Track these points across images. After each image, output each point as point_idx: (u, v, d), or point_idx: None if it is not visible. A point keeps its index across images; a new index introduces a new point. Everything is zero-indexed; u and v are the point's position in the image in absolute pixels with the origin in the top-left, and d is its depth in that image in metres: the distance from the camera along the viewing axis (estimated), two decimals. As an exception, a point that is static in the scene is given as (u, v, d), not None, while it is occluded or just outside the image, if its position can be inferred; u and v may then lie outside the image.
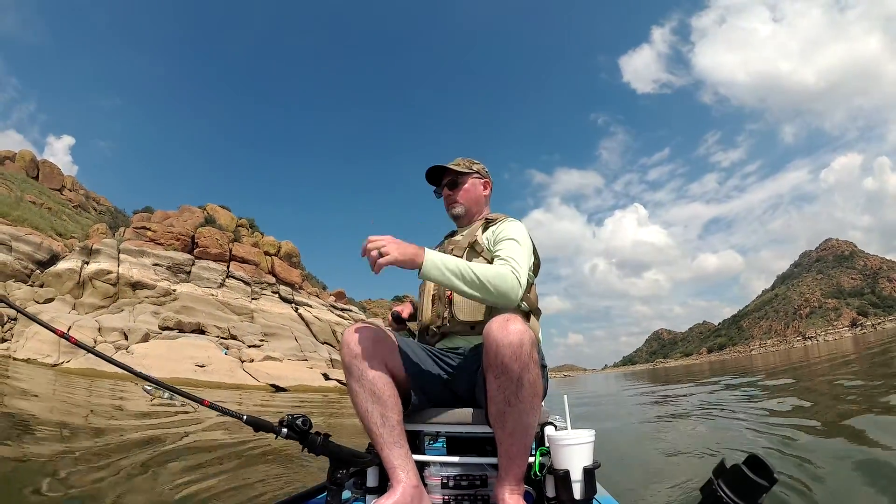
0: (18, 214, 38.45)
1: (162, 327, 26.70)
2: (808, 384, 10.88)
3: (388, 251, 1.56)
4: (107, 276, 29.73)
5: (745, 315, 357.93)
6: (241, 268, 37.57)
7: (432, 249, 1.74)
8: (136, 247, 32.98)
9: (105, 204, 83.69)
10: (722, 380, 16.60)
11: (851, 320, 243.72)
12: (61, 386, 14.76)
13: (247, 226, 46.90)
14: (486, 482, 1.82)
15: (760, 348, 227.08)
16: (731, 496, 1.16)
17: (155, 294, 30.59)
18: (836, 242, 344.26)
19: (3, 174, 56.64)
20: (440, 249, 2.17)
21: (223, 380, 21.61)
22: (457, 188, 2.24)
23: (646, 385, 23.17)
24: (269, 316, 34.69)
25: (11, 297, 27.22)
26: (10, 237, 31.79)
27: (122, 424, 7.89)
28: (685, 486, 3.49)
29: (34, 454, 4.72)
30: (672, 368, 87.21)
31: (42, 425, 6.74)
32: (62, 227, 44.46)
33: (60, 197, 67.42)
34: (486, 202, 2.32)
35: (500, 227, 2.02)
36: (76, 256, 30.68)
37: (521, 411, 1.53)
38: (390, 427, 1.69)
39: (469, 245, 2.03)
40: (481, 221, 2.16)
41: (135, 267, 31.30)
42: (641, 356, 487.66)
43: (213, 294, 33.34)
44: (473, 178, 2.26)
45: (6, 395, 10.47)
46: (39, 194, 57.57)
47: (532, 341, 1.52)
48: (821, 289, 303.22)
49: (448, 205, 2.26)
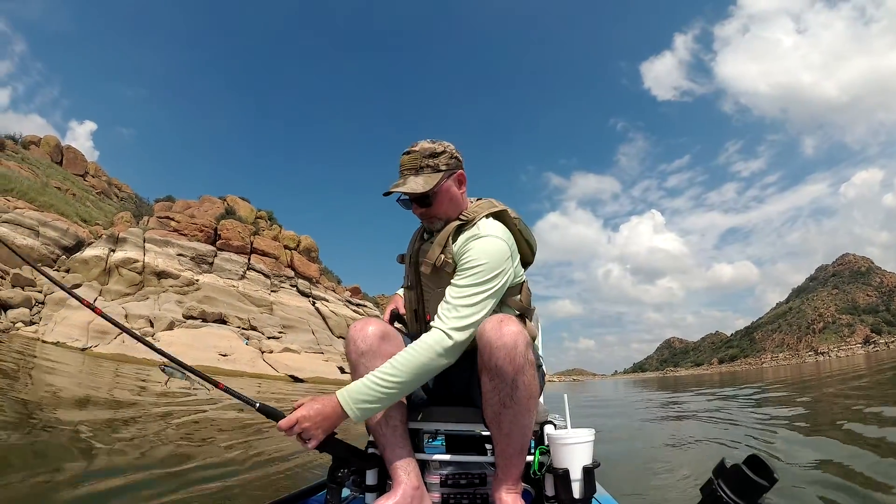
0: (45, 200, 39.14)
1: (186, 316, 27.29)
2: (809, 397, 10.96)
3: (308, 436, 1.50)
4: (133, 265, 30.36)
5: (759, 327, 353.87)
6: (261, 260, 38.19)
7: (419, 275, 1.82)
8: (161, 236, 33.66)
9: (127, 191, 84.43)
10: (720, 391, 16.76)
11: (865, 337, 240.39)
12: (88, 367, 15.32)
13: (266, 218, 47.34)
14: (484, 480, 1.85)
15: (772, 361, 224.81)
16: (731, 496, 1.17)
17: (179, 283, 31.21)
18: (853, 258, 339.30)
19: (28, 159, 57.68)
20: (414, 255, 1.94)
21: (245, 369, 22.10)
22: (430, 205, 1.84)
23: (653, 392, 23.35)
24: (287, 309, 35.24)
25: (38, 282, 27.97)
26: (38, 222, 32.46)
27: (141, 400, 8.50)
28: (685, 486, 3.58)
29: (59, 422, 5.35)
30: (682, 377, 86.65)
31: (66, 399, 7.33)
32: (87, 214, 45.12)
33: (84, 183, 68.30)
34: (463, 196, 1.93)
35: (468, 241, 1.76)
36: (103, 244, 31.33)
37: (517, 413, 1.54)
38: (393, 427, 1.70)
39: (434, 266, 1.78)
40: (453, 224, 1.84)
41: (160, 256, 31.96)
42: (652, 364, 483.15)
43: (235, 285, 33.95)
44: (446, 182, 1.83)
45: (33, 371, 10.99)
46: (64, 180, 58.41)
47: (527, 343, 1.52)
48: (835, 304, 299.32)
49: (426, 222, 1.92)
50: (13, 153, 56.50)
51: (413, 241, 2.04)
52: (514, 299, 1.82)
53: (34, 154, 63.19)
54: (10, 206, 33.74)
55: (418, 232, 2.03)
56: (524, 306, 1.84)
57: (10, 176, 40.95)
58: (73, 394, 8.28)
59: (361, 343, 1.70)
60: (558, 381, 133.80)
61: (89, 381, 10.73)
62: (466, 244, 1.75)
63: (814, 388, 13.61)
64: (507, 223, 1.86)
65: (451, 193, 1.86)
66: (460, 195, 1.89)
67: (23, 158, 56.31)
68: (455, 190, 1.87)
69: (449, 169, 1.83)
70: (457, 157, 1.87)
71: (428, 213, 1.86)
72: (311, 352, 31.13)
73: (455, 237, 1.82)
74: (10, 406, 5.99)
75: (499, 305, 1.75)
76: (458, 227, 1.84)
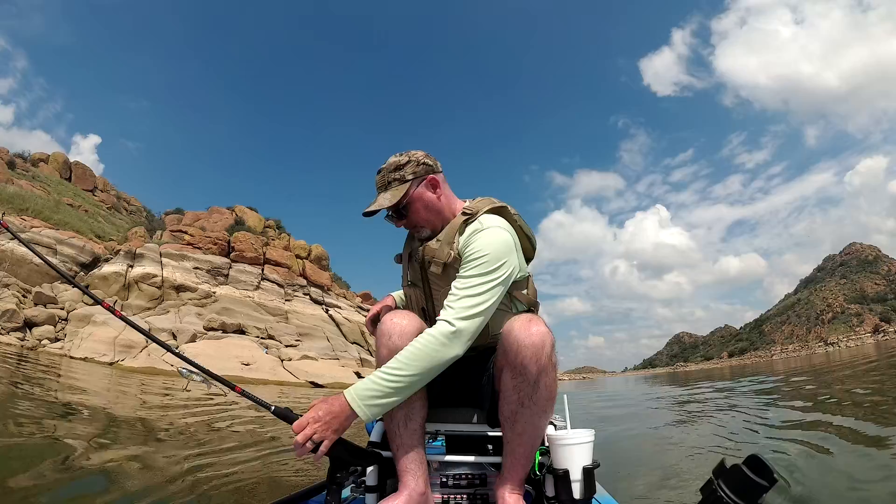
0: (60, 218, 39.90)
1: (207, 328, 27.95)
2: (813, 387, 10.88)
3: (320, 437, 1.46)
4: (152, 280, 31.08)
5: (768, 319, 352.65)
6: (274, 270, 38.80)
7: (423, 273, 1.80)
8: (176, 250, 34.35)
9: (135, 204, 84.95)
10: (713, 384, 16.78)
11: (874, 326, 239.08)
12: (115, 379, 15.82)
13: (274, 227, 47.93)
14: (485, 481, 1.85)
15: (782, 353, 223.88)
16: (731, 496, 1.17)
17: (197, 296, 31.90)
18: (860, 247, 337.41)
19: (39, 177, 58.49)
20: (417, 253, 1.91)
21: (267, 377, 22.72)
22: (406, 215, 1.87)
23: (662, 386, 23.53)
24: (301, 317, 35.86)
25: (60, 299, 28.68)
26: (55, 240, 33.20)
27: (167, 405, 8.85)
28: (685, 486, 3.55)
29: (77, 434, 5.46)
30: (692, 372, 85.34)
31: (90, 410, 7.69)
32: (100, 230, 45.81)
33: (94, 198, 69.05)
34: (447, 196, 1.93)
35: (471, 235, 1.77)
36: (121, 260, 32.05)
37: (534, 413, 1.54)
38: (412, 430, 1.66)
39: (445, 263, 1.79)
40: (459, 221, 1.85)
41: (177, 270, 32.66)
42: (662, 359, 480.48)
43: (250, 296, 34.58)
44: (417, 189, 1.85)
45: (60, 384, 11.45)
46: (75, 196, 59.13)
47: (553, 344, 1.52)
48: (844, 294, 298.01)
49: (413, 232, 1.95)
50: (23, 171, 57.28)
51: (409, 238, 2.05)
52: (521, 293, 1.83)
53: (43, 171, 63.96)
54: (27, 225, 34.48)
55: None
56: (532, 300, 1.87)
57: (24, 195, 41.68)
58: (96, 404, 8.75)
59: (397, 338, 1.63)
60: (568, 380, 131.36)
61: (114, 396, 11.17)
62: (470, 238, 1.76)
63: (827, 376, 13.69)
64: (507, 218, 1.87)
65: (424, 200, 1.86)
66: (437, 198, 1.88)
67: (34, 176, 57.15)
68: (429, 195, 1.86)
69: (417, 176, 1.84)
70: (425, 163, 1.87)
71: (409, 223, 1.89)
72: (328, 358, 31.70)
73: (461, 232, 1.83)
74: (92, 418, 6.48)
75: (508, 300, 1.77)
76: (463, 222, 1.84)
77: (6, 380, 10.49)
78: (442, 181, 1.91)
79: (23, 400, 7.60)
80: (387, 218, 1.91)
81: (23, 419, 5.67)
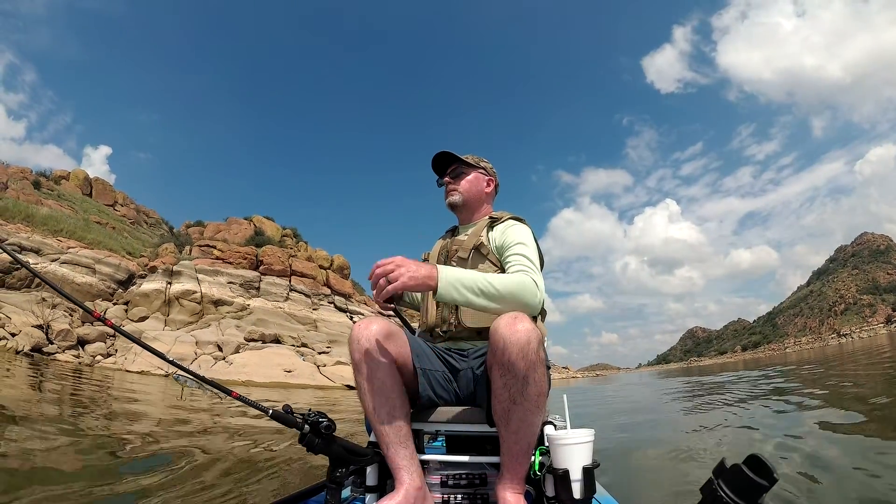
0: (93, 237, 41.33)
1: (248, 339, 29.57)
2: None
3: (396, 276, 1.50)
4: (192, 296, 32.82)
5: (780, 312, 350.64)
6: (300, 281, 40.46)
7: (445, 265, 1.72)
8: (209, 266, 36.10)
9: (154, 216, 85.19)
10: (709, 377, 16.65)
11: (887, 317, 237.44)
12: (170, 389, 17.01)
13: (291, 235, 49.10)
14: (485, 481, 1.84)
15: (795, 346, 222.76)
16: (731, 496, 1.14)
17: (234, 309, 33.59)
18: (871, 237, 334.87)
19: (64, 196, 59.86)
20: (444, 248, 2.13)
21: (308, 382, 24.28)
22: (459, 178, 2.16)
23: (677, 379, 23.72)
24: (329, 325, 37.54)
25: (105, 315, 29.94)
26: (93, 260, 34.57)
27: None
28: (685, 486, 3.52)
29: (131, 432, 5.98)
30: (706, 367, 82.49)
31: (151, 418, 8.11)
32: (129, 246, 47.15)
33: (115, 213, 70.33)
34: (489, 200, 2.23)
35: (506, 229, 1.95)
36: (160, 277, 33.68)
37: (527, 410, 1.53)
38: (397, 427, 1.67)
39: (474, 247, 1.96)
40: (486, 220, 2.06)
41: (213, 286, 34.37)
42: (676, 354, 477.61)
43: (281, 307, 36.26)
44: (478, 172, 2.19)
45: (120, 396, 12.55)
46: (100, 213, 60.05)
47: (539, 340, 1.51)
48: (856, 284, 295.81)
49: (447, 192, 2.18)
50: (49, 191, 58.74)
51: (443, 236, 2.30)
52: None
53: (65, 188, 65.31)
54: (64, 247, 36.00)
55: (445, 233, 2.32)
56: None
57: (58, 216, 43.09)
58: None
59: (366, 342, 1.66)
60: (581, 377, 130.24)
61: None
62: (505, 231, 1.94)
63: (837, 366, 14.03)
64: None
65: (478, 182, 2.18)
66: (485, 194, 2.19)
67: (59, 196, 58.62)
68: (483, 185, 2.18)
69: (486, 173, 2.23)
70: (494, 171, 2.26)
71: (453, 184, 2.16)
72: (356, 364, 33.01)
73: (489, 231, 2.02)
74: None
75: None
76: (489, 223, 2.04)
77: (101, 400, 11.12)
78: (494, 189, 2.27)
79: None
80: (440, 178, 2.24)
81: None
